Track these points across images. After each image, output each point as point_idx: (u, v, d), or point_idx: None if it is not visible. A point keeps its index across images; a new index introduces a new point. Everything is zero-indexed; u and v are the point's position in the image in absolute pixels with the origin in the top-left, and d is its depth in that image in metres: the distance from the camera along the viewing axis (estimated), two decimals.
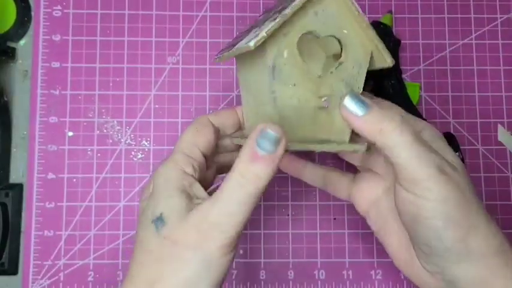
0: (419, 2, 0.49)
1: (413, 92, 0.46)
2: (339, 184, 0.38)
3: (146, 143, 0.46)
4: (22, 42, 0.47)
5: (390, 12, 0.48)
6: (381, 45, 0.30)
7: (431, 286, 0.31)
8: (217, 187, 0.29)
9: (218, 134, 0.34)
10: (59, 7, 0.47)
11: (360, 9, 0.29)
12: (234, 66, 0.47)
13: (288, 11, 0.27)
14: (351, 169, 0.39)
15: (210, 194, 0.29)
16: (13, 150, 0.46)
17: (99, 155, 0.46)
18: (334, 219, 0.46)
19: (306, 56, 0.29)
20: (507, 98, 0.48)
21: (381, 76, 0.45)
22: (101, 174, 0.46)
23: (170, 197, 0.28)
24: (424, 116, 0.46)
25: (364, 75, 0.31)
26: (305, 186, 0.46)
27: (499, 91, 0.48)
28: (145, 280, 0.28)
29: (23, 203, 0.45)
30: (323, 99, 0.30)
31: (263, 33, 0.26)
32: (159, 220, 0.28)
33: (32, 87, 0.46)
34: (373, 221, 0.35)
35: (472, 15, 0.49)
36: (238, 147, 0.33)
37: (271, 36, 0.27)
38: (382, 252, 0.45)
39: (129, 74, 0.47)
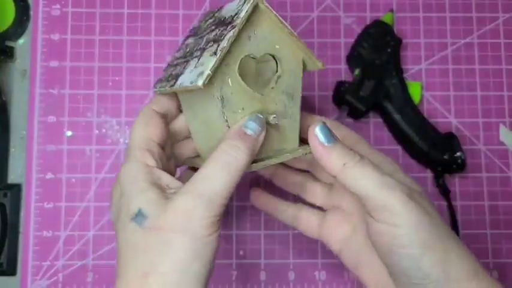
0: (420, 1, 0.49)
1: (415, 91, 0.46)
2: (308, 224, 0.38)
3: None
4: (21, 41, 0.47)
5: (391, 11, 0.48)
6: (309, 52, 0.32)
7: None
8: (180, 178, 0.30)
9: (166, 120, 0.34)
10: (58, 6, 0.47)
11: (284, 21, 0.31)
12: None
13: (225, 44, 0.28)
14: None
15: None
16: (11, 150, 0.46)
17: (98, 154, 0.46)
18: None
19: (247, 79, 0.31)
20: (509, 97, 0.48)
21: (382, 76, 0.45)
22: (99, 174, 0.45)
23: (142, 191, 0.29)
24: (425, 115, 0.46)
25: (301, 81, 0.33)
26: None
27: (501, 90, 0.48)
28: (136, 275, 0.27)
29: (21, 203, 0.45)
30: (272, 117, 0.31)
31: (207, 70, 0.28)
32: (139, 216, 0.28)
33: (30, 87, 0.46)
34: (347, 258, 0.36)
35: (474, 14, 0.49)
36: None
37: (216, 68, 0.29)
38: None
39: (128, 73, 0.47)
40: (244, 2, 0.30)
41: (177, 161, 0.36)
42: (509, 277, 0.45)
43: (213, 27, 0.33)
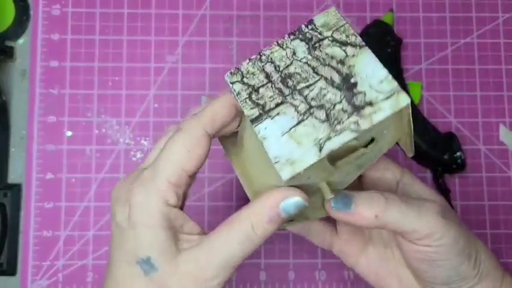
0: (420, 1, 0.49)
1: (415, 91, 0.46)
2: (321, 235, 0.37)
3: (145, 143, 0.46)
4: (20, 41, 0.47)
5: (391, 10, 0.48)
6: (410, 140, 0.27)
7: None
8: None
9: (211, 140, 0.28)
10: (58, 6, 0.47)
11: (411, 120, 0.25)
12: (234, 66, 0.47)
13: (334, 147, 0.23)
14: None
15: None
16: (11, 150, 0.46)
17: (98, 154, 0.46)
18: None
19: None
20: (509, 97, 0.48)
21: None
22: (99, 174, 0.45)
23: (156, 237, 0.26)
24: (425, 115, 0.46)
25: (378, 157, 0.28)
26: None
27: (501, 90, 0.48)
28: None
29: (21, 203, 0.45)
30: (330, 197, 0.27)
31: (300, 168, 0.23)
32: (147, 264, 0.26)
33: (30, 87, 0.46)
34: (366, 268, 0.35)
35: (474, 14, 0.49)
36: None
37: None
38: None
39: (128, 73, 0.47)
40: (389, 96, 0.23)
41: None
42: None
43: (337, 76, 0.25)
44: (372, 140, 0.26)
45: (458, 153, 0.44)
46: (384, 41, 0.45)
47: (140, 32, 0.47)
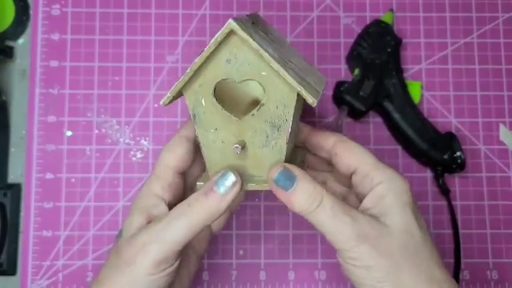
0: (420, 1, 0.49)
1: (415, 91, 0.46)
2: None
3: (145, 143, 0.46)
4: (20, 41, 0.47)
5: (391, 10, 0.48)
6: (301, 88, 0.29)
7: None
8: None
9: (193, 144, 0.34)
10: (58, 6, 0.47)
11: (269, 57, 0.28)
12: None
13: (190, 68, 0.28)
14: None
15: None
16: (11, 150, 0.46)
17: (98, 154, 0.46)
18: None
19: (227, 102, 0.30)
20: (509, 97, 0.48)
21: (382, 76, 0.45)
22: (99, 174, 0.45)
23: (131, 215, 0.32)
24: (425, 115, 0.46)
25: (292, 114, 0.30)
26: None
27: (501, 90, 0.48)
28: (98, 279, 0.32)
29: (21, 203, 0.45)
30: (234, 146, 0.30)
31: (168, 93, 0.29)
32: (120, 234, 0.32)
33: (30, 87, 0.46)
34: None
35: (474, 14, 0.49)
36: None
37: (188, 88, 0.29)
38: None
39: (128, 73, 0.46)
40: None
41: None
42: (509, 277, 0.45)
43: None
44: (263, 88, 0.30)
45: (458, 153, 0.44)
46: (384, 41, 0.45)
47: (140, 32, 0.47)
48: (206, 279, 0.45)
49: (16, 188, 0.45)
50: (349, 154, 0.33)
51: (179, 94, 0.30)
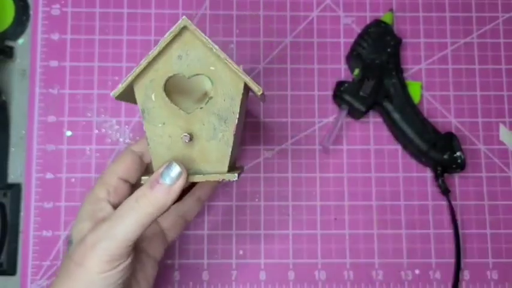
0: (420, 1, 0.49)
1: (415, 91, 0.46)
2: None
3: None
4: (20, 41, 0.47)
5: (391, 10, 0.47)
6: (248, 79, 0.31)
7: None
8: None
9: (141, 159, 0.36)
10: (58, 6, 0.47)
11: (217, 47, 0.31)
12: None
13: (143, 62, 0.30)
14: None
15: None
16: (11, 149, 0.46)
17: (97, 154, 0.46)
18: (335, 219, 0.46)
19: (176, 97, 0.32)
20: (509, 97, 0.48)
21: (382, 75, 0.45)
22: (99, 173, 0.45)
23: (79, 222, 0.33)
24: (425, 115, 0.46)
25: (239, 105, 0.32)
26: (305, 186, 0.46)
27: (501, 90, 0.48)
28: None
29: (21, 203, 0.45)
30: (183, 135, 0.31)
31: (120, 85, 0.30)
32: (70, 242, 0.33)
33: (30, 87, 0.46)
34: None
35: (474, 14, 0.49)
36: None
37: (139, 82, 0.31)
38: (383, 252, 0.45)
39: (128, 73, 0.46)
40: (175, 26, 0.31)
41: None
42: (509, 277, 0.45)
43: None
44: (212, 82, 0.32)
45: (458, 153, 0.44)
46: (383, 41, 0.45)
47: (140, 31, 0.47)
48: (206, 279, 0.45)
49: (16, 188, 0.45)
50: None
51: (130, 88, 0.31)
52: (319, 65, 0.47)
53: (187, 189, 0.40)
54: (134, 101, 0.32)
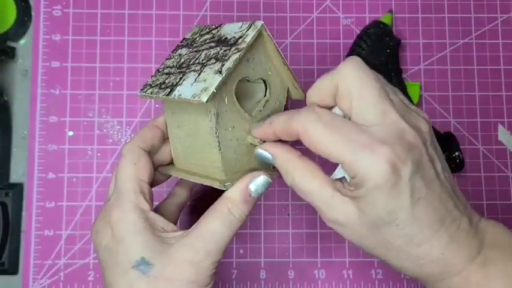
0: (419, 2, 0.49)
1: (414, 91, 0.46)
2: None
3: None
4: (22, 41, 0.47)
5: (390, 11, 0.48)
6: (296, 82, 0.34)
7: None
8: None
9: (151, 155, 0.35)
10: (59, 7, 0.47)
11: (280, 51, 0.32)
12: None
13: (230, 65, 0.29)
14: None
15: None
16: (13, 149, 0.46)
17: (99, 154, 0.46)
18: None
19: (240, 100, 0.32)
20: (507, 97, 0.48)
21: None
22: (101, 173, 0.46)
23: (143, 240, 0.30)
24: None
25: (283, 107, 0.35)
26: None
27: (499, 91, 0.48)
28: None
29: (23, 202, 0.45)
30: (257, 141, 0.32)
31: (212, 88, 0.28)
32: (143, 264, 0.29)
33: (32, 87, 0.46)
34: None
35: (473, 15, 0.49)
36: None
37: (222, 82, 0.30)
38: None
39: (130, 74, 0.47)
40: (249, 27, 0.31)
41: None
42: None
43: (213, 44, 0.33)
44: (266, 87, 0.34)
45: (456, 153, 0.44)
46: (383, 42, 0.45)
47: (141, 32, 0.47)
48: None
49: (18, 188, 0.45)
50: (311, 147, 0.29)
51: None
52: (318, 66, 0.48)
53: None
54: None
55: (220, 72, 0.29)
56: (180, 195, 0.38)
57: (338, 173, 0.32)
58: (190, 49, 0.35)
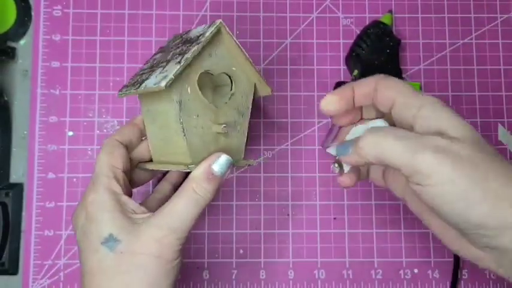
0: (419, 2, 0.49)
1: None
2: (374, 173, 0.37)
3: None
4: (22, 41, 0.47)
5: (390, 11, 0.48)
6: (261, 78, 0.38)
7: (484, 259, 0.29)
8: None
9: (128, 149, 0.37)
10: (59, 7, 0.47)
11: (241, 48, 0.35)
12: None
13: (189, 56, 0.32)
14: None
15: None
16: (13, 149, 0.46)
17: None
18: (334, 218, 0.46)
19: (204, 91, 0.35)
20: (507, 97, 0.48)
21: None
22: None
23: (112, 218, 0.32)
24: None
25: (251, 101, 0.38)
26: (305, 186, 0.46)
27: (499, 91, 0.48)
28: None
29: (23, 202, 0.45)
30: (222, 126, 0.35)
31: (171, 75, 0.32)
32: (111, 240, 0.31)
33: (32, 87, 0.46)
34: (409, 204, 0.34)
35: (472, 15, 0.49)
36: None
37: (176, 76, 0.32)
38: (382, 251, 0.46)
39: (130, 74, 0.47)
40: (210, 25, 0.35)
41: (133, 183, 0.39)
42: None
43: (180, 45, 0.37)
44: (231, 81, 0.36)
45: None
46: (383, 42, 0.45)
47: (141, 33, 0.47)
48: (206, 278, 0.45)
49: (18, 188, 0.45)
50: (385, 88, 0.31)
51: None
52: (318, 66, 0.48)
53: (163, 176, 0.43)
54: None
55: (179, 62, 0.32)
56: (162, 191, 0.41)
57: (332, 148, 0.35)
58: (163, 53, 0.39)
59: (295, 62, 0.48)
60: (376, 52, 0.45)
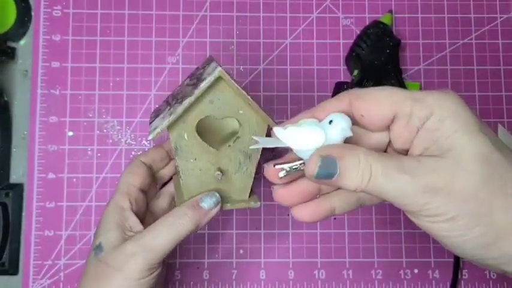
0: (419, 2, 0.49)
1: None
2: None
3: (146, 143, 0.46)
4: (22, 42, 0.47)
5: (390, 11, 0.48)
6: (271, 121, 0.35)
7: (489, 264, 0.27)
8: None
9: (152, 169, 0.40)
10: (59, 7, 0.47)
11: (245, 93, 0.33)
12: (234, 66, 0.48)
13: (179, 109, 0.32)
14: None
15: None
16: (13, 150, 0.46)
17: (99, 154, 0.46)
18: (334, 219, 0.46)
19: (205, 135, 0.35)
20: (507, 97, 0.48)
21: (381, 76, 0.45)
22: (101, 174, 0.46)
23: (108, 230, 0.35)
24: None
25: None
26: None
27: (499, 91, 0.48)
28: None
29: (23, 203, 0.45)
30: (216, 173, 0.35)
31: (158, 129, 0.33)
32: (98, 248, 0.35)
33: (32, 87, 0.46)
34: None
35: (472, 15, 0.49)
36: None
37: (173, 124, 0.33)
38: (382, 251, 0.46)
39: (129, 74, 0.47)
40: (211, 73, 0.32)
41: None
42: (507, 276, 0.45)
43: (193, 81, 0.36)
44: (239, 124, 0.35)
45: None
46: (382, 42, 0.45)
47: (141, 33, 0.47)
48: (207, 278, 0.45)
49: (18, 188, 0.45)
50: (376, 105, 0.26)
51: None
52: (318, 66, 0.48)
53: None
54: None
55: (170, 114, 0.33)
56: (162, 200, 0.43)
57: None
58: (187, 81, 0.38)
59: (295, 62, 0.48)
60: (376, 52, 0.45)
